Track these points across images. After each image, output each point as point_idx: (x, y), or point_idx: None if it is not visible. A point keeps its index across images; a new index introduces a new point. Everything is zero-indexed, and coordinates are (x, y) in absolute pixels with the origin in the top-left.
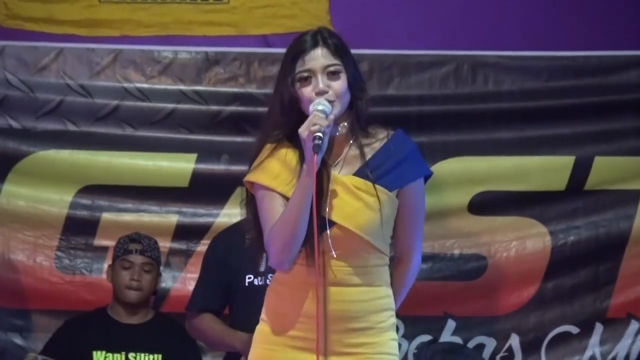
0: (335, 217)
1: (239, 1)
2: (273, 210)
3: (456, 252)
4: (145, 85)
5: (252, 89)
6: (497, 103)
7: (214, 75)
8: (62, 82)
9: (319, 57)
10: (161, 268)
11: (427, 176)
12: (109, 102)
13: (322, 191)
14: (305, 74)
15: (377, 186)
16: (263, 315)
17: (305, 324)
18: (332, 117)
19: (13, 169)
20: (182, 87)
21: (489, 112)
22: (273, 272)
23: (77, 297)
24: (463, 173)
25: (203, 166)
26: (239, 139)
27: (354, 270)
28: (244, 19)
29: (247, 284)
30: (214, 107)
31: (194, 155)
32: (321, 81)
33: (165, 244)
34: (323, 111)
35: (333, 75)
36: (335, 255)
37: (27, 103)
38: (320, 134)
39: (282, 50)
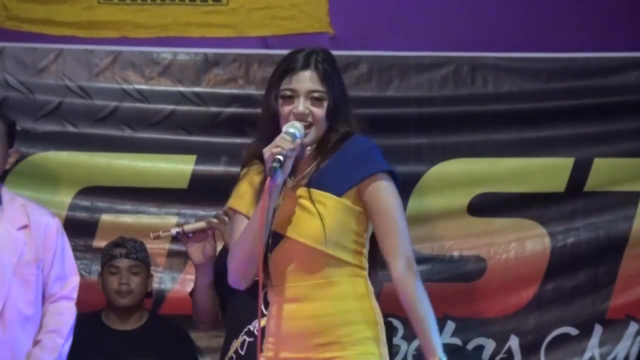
0: (286, 231)
1: (238, 3)
2: (234, 232)
3: (455, 253)
4: (144, 87)
5: (251, 91)
6: (497, 104)
7: (213, 76)
8: (61, 83)
9: (306, 80)
10: (160, 269)
11: (389, 173)
12: (108, 104)
13: (275, 209)
14: (289, 93)
15: (320, 192)
16: (264, 344)
17: (283, 344)
18: (298, 141)
19: (12, 170)
20: (182, 88)
21: (488, 114)
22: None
23: (77, 299)
24: (462, 174)
25: (202, 167)
26: (238, 140)
27: (313, 284)
28: (243, 21)
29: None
30: (213, 109)
31: (193, 157)
32: (302, 104)
33: (164, 246)
34: (293, 134)
35: (316, 100)
36: (290, 268)
37: (26, 104)
38: (280, 157)
39: (282, 52)
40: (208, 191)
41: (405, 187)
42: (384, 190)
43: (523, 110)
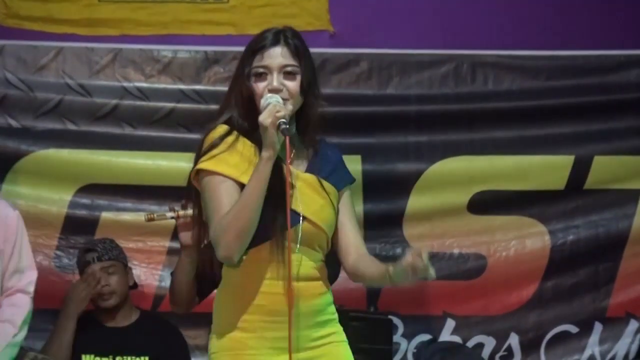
0: (306, 212)
1: (238, 0)
2: (228, 197)
3: (455, 251)
4: (144, 85)
5: None
6: (497, 102)
7: (214, 74)
8: (61, 81)
9: (277, 56)
10: (159, 267)
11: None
12: (108, 102)
13: (282, 185)
14: (261, 70)
15: (330, 185)
16: (223, 324)
17: (281, 322)
18: (290, 107)
19: (12, 168)
20: (182, 86)
21: (488, 112)
22: None
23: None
24: (462, 172)
25: None
26: None
27: (314, 265)
28: (243, 18)
29: None
30: (214, 106)
31: (193, 155)
32: (276, 79)
33: (164, 243)
34: (278, 102)
35: (289, 75)
36: (299, 247)
37: (26, 102)
38: (285, 119)
39: None
40: None
41: (406, 184)
42: (352, 200)
43: (523, 108)
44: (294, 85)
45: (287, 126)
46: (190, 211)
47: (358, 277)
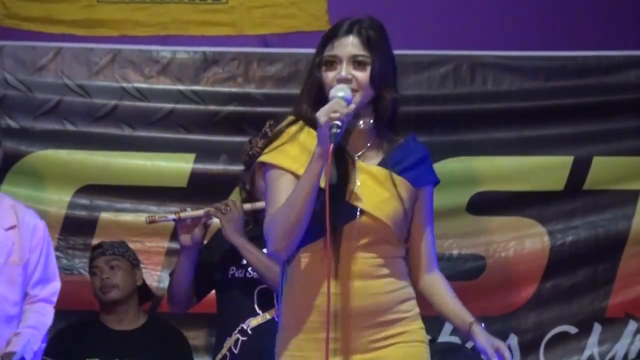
0: (365, 206)
1: (237, 1)
2: (283, 192)
3: (455, 252)
4: (143, 85)
5: (250, 89)
6: (496, 103)
7: (213, 75)
8: (60, 82)
9: (347, 45)
10: (159, 268)
11: (436, 184)
12: (107, 102)
13: (345, 179)
14: (331, 59)
15: (398, 177)
16: (284, 323)
17: (339, 322)
18: (353, 106)
19: (11, 169)
20: (181, 87)
21: (487, 112)
22: None
23: (76, 297)
24: (462, 173)
25: (201, 166)
26: (237, 138)
27: (380, 262)
28: (242, 19)
29: (229, 275)
30: (213, 107)
31: (193, 155)
32: (345, 69)
33: (163, 244)
34: (344, 98)
35: (359, 65)
36: (361, 243)
37: (25, 103)
38: (339, 122)
39: (281, 50)
40: (207, 189)
41: None
42: (432, 202)
43: (522, 109)
44: (363, 76)
45: (339, 130)
46: (190, 212)
47: (427, 301)
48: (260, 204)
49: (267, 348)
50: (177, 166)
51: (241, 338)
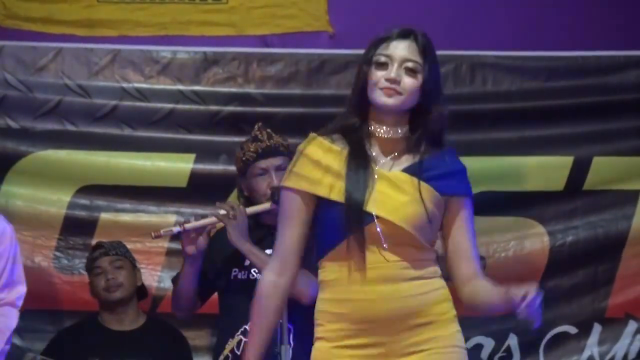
0: (379, 211)
1: (237, 1)
2: (289, 219)
3: None
4: (143, 86)
5: (250, 89)
6: (496, 103)
7: (213, 75)
8: (60, 82)
9: (403, 48)
10: (159, 268)
11: (472, 199)
12: (107, 102)
13: (364, 186)
14: (383, 59)
15: (422, 183)
16: (319, 334)
17: (369, 329)
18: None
19: (11, 169)
20: (181, 87)
21: (487, 112)
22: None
23: (76, 297)
24: None
25: (201, 166)
26: (237, 139)
27: (406, 265)
28: (242, 19)
29: (232, 277)
30: (213, 107)
31: (193, 156)
32: (395, 70)
33: (163, 244)
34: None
35: (409, 71)
36: (386, 247)
37: (25, 103)
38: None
39: (281, 51)
40: (207, 190)
41: None
42: (471, 213)
43: (522, 109)
44: (411, 82)
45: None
46: (195, 223)
47: (472, 308)
48: (262, 206)
49: (270, 350)
50: (177, 166)
51: (244, 339)
